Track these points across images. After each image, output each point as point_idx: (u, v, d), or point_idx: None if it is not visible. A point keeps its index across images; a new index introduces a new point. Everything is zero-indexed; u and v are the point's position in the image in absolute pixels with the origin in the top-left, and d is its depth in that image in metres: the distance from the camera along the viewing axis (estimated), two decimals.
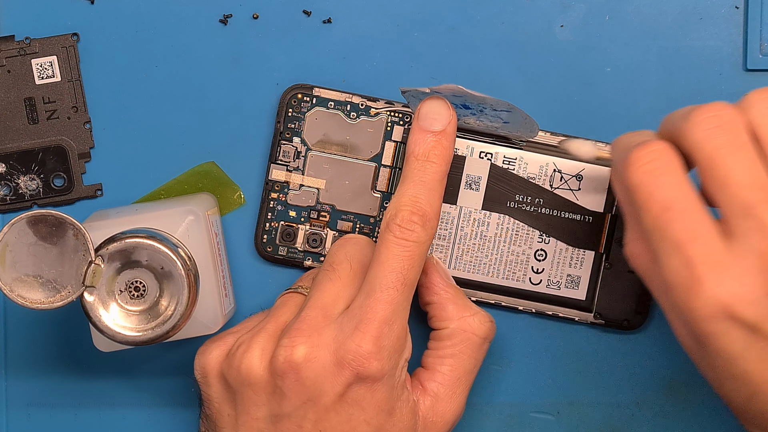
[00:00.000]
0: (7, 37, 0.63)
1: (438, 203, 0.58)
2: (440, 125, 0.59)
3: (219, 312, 0.60)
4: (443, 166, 0.59)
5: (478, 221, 0.63)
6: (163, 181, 0.64)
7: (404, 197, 0.58)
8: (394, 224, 0.57)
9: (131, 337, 0.56)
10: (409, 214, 0.57)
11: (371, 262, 0.57)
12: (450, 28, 0.64)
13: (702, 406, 0.64)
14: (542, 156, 0.63)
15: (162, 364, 0.65)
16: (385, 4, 0.64)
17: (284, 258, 0.64)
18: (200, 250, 0.59)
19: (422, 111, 0.59)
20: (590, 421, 0.65)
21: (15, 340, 0.64)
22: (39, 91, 0.63)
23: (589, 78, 0.64)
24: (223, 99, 0.64)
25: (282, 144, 0.63)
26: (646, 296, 0.63)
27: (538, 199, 0.63)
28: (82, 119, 0.64)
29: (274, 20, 0.64)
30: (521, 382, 0.64)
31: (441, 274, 0.61)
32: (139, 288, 0.56)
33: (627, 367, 0.64)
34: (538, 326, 0.64)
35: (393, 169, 0.63)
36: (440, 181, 0.59)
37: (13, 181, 0.64)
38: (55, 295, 0.55)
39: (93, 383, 0.65)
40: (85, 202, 0.64)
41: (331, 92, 0.63)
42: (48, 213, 0.55)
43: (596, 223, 0.63)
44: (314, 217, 0.63)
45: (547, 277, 0.63)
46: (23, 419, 0.65)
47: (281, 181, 0.63)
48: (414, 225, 0.57)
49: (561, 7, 0.63)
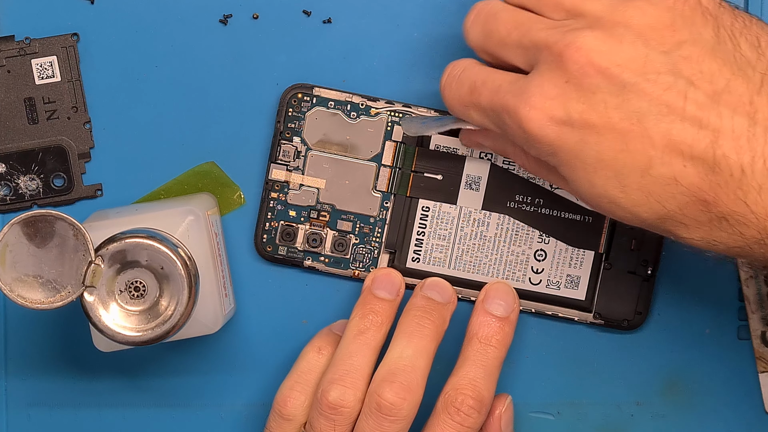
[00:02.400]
0: (7, 37, 0.63)
1: (494, 388, 0.59)
2: (505, 311, 0.60)
3: (219, 312, 0.60)
4: (503, 352, 0.60)
5: (478, 221, 0.63)
6: (163, 181, 0.64)
7: (464, 380, 0.59)
8: (453, 407, 0.58)
9: (131, 337, 0.56)
10: (469, 399, 0.58)
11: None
12: (450, 28, 0.64)
13: (702, 406, 0.64)
14: None
15: (162, 364, 0.65)
16: (385, 4, 0.64)
17: (284, 258, 0.64)
18: (200, 250, 0.59)
19: (489, 292, 0.61)
20: (590, 421, 0.65)
21: (15, 340, 0.64)
22: (39, 91, 0.63)
23: None
24: (223, 99, 0.64)
25: (282, 144, 0.63)
26: (646, 296, 0.63)
27: (538, 199, 0.63)
28: (82, 119, 0.64)
29: (274, 20, 0.64)
30: (521, 382, 0.65)
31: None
32: (139, 288, 0.56)
33: (627, 367, 0.64)
34: (538, 326, 0.64)
35: (393, 169, 0.63)
36: (498, 366, 0.60)
37: (13, 181, 0.64)
38: (55, 295, 0.55)
39: (93, 383, 0.65)
40: (85, 202, 0.64)
41: (331, 92, 0.63)
42: (48, 213, 0.55)
43: (596, 223, 0.63)
44: (314, 216, 0.63)
45: (546, 277, 0.63)
46: (23, 419, 0.65)
47: (281, 180, 0.63)
48: (472, 411, 0.58)
49: None
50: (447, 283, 0.61)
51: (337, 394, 0.58)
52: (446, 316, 0.61)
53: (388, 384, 0.58)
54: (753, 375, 0.64)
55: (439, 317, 0.60)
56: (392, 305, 0.61)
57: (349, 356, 0.59)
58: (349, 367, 0.59)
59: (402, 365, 0.58)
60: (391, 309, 0.61)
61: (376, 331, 0.60)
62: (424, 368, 0.59)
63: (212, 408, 0.65)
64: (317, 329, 0.64)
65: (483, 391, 0.58)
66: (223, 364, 0.65)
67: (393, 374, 0.58)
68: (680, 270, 0.64)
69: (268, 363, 0.64)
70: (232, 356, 0.65)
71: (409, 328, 0.60)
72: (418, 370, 0.58)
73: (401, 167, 0.63)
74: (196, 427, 0.65)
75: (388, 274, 0.62)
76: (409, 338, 0.59)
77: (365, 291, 0.61)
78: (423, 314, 0.60)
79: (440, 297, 0.61)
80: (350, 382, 0.58)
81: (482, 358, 0.59)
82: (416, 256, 0.63)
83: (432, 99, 0.63)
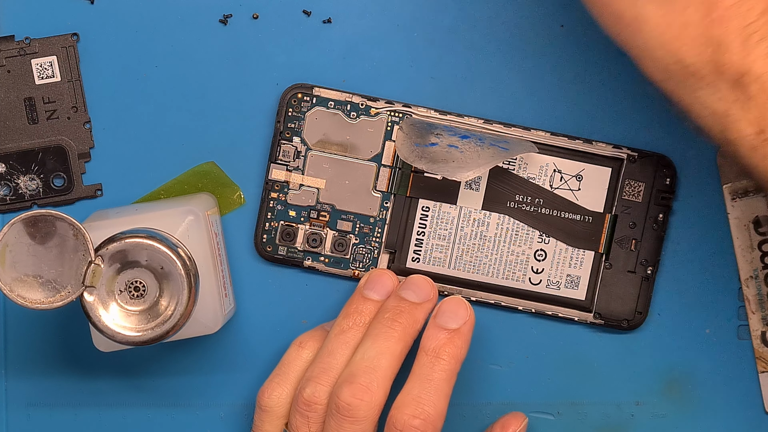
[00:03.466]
0: (7, 37, 0.63)
1: (443, 403, 0.57)
2: (455, 323, 0.59)
3: (219, 312, 0.60)
4: (453, 365, 0.58)
5: (478, 221, 0.63)
6: (163, 181, 0.64)
7: (408, 396, 0.57)
8: (396, 429, 0.57)
9: (131, 337, 0.56)
10: (412, 419, 0.57)
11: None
12: (450, 28, 0.64)
13: (702, 406, 0.64)
14: (542, 156, 0.63)
15: (162, 364, 0.65)
16: (385, 4, 0.64)
17: (284, 258, 0.64)
18: (200, 250, 0.59)
19: (440, 307, 0.60)
20: (590, 421, 0.65)
21: (15, 340, 0.64)
22: (39, 91, 0.63)
23: (589, 78, 0.64)
24: (223, 99, 0.64)
25: (282, 144, 0.63)
26: (646, 296, 0.63)
27: (538, 199, 0.63)
28: (82, 119, 0.64)
29: (274, 20, 0.64)
30: (521, 382, 0.65)
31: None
32: (138, 288, 0.56)
33: (627, 367, 0.64)
34: (538, 326, 0.64)
35: (393, 169, 0.63)
36: (448, 379, 0.58)
37: (13, 181, 0.64)
38: (55, 295, 0.55)
39: (93, 383, 0.65)
40: (85, 202, 0.64)
41: (331, 92, 0.63)
42: (48, 213, 0.55)
43: (596, 223, 0.63)
44: (314, 216, 0.63)
45: (546, 277, 0.63)
46: (23, 419, 0.65)
47: (281, 180, 0.63)
48: (415, 430, 0.57)
49: (561, 7, 0.63)
50: (425, 281, 0.61)
51: (310, 390, 0.58)
52: (418, 316, 0.60)
53: (347, 385, 0.57)
54: (753, 375, 0.64)
55: (408, 318, 0.59)
56: (379, 306, 0.61)
57: (328, 354, 0.59)
58: (326, 365, 0.59)
59: (363, 366, 0.58)
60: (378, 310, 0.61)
61: (357, 331, 0.60)
62: (386, 368, 0.58)
63: (212, 408, 0.65)
64: None
65: (428, 407, 0.57)
66: (223, 364, 0.65)
67: (353, 375, 0.57)
68: (680, 270, 0.64)
69: (268, 363, 0.64)
70: (232, 356, 0.65)
71: (376, 330, 0.59)
72: (379, 370, 0.58)
73: (401, 167, 0.63)
74: (196, 427, 0.65)
75: (380, 276, 0.61)
76: (374, 340, 0.59)
77: (356, 291, 0.61)
78: (392, 316, 0.59)
79: (415, 296, 0.60)
80: (325, 379, 0.58)
81: (428, 372, 0.58)
82: (416, 256, 0.63)
83: (432, 99, 0.63)
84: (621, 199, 0.63)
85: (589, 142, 0.63)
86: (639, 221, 0.63)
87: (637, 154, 0.63)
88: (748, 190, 0.64)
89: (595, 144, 0.63)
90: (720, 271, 0.64)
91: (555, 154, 0.63)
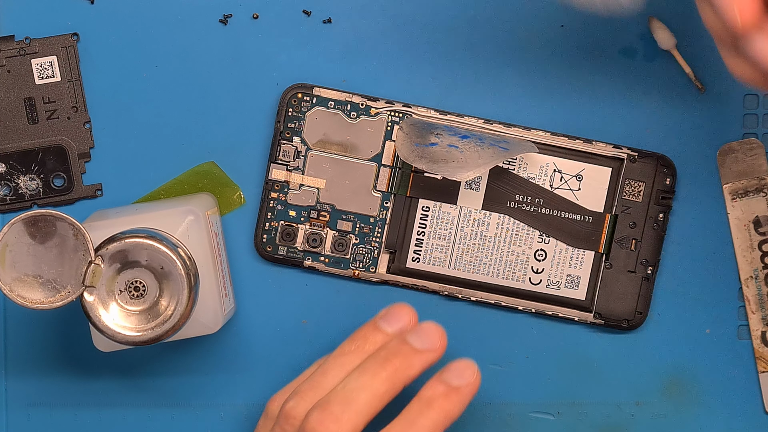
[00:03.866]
0: (7, 37, 0.63)
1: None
2: (458, 382, 0.57)
3: (219, 312, 0.60)
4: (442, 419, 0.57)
5: (478, 221, 0.63)
6: (163, 181, 0.64)
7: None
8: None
9: (131, 337, 0.56)
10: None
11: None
12: (450, 28, 0.64)
13: (702, 406, 0.64)
14: (542, 156, 0.63)
15: (162, 364, 0.65)
16: (385, 4, 0.64)
17: (284, 258, 0.64)
18: (200, 250, 0.59)
19: (449, 366, 0.58)
20: (590, 421, 0.65)
21: (15, 340, 0.64)
22: (39, 91, 0.63)
23: (589, 78, 0.64)
24: (223, 99, 0.64)
25: (282, 144, 0.63)
26: (646, 296, 0.63)
27: (538, 199, 0.63)
28: (82, 119, 0.64)
29: (274, 20, 0.64)
30: (521, 382, 0.65)
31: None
32: (138, 288, 0.56)
33: (627, 367, 0.64)
34: (538, 326, 0.64)
35: (393, 169, 0.63)
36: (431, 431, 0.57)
37: (13, 181, 0.64)
38: (55, 295, 0.55)
39: (93, 383, 0.65)
40: (85, 202, 0.64)
41: (331, 92, 0.63)
42: (48, 213, 0.55)
43: (596, 223, 0.63)
44: (314, 216, 0.63)
45: (547, 277, 0.63)
46: (23, 419, 0.65)
47: (281, 180, 0.63)
48: None
49: (561, 7, 0.63)
50: (436, 331, 0.59)
51: (292, 404, 0.57)
52: (415, 362, 0.58)
53: (319, 410, 0.56)
54: (753, 375, 0.64)
55: (403, 362, 0.58)
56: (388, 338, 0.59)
57: (322, 373, 0.58)
58: (316, 383, 0.58)
59: (341, 396, 0.57)
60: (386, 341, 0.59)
61: (356, 357, 0.59)
62: (363, 404, 0.56)
63: (212, 408, 0.65)
64: (317, 329, 0.64)
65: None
66: (223, 364, 0.65)
67: (327, 402, 0.56)
68: (680, 270, 0.64)
69: (268, 363, 0.64)
70: (232, 356, 0.65)
71: (367, 363, 0.58)
72: (355, 404, 0.56)
73: (401, 167, 0.63)
74: (196, 427, 0.65)
75: (399, 310, 0.60)
76: (361, 373, 0.57)
77: (371, 319, 0.60)
78: (386, 355, 0.58)
79: (420, 343, 0.58)
80: (310, 396, 0.57)
81: (414, 418, 0.56)
82: (416, 256, 0.63)
83: (432, 99, 0.63)
84: (621, 199, 0.63)
85: (589, 142, 0.63)
86: (639, 221, 0.63)
87: (637, 154, 0.63)
88: (748, 190, 0.64)
89: (595, 144, 0.63)
90: (720, 271, 0.64)
91: (555, 154, 0.63)
